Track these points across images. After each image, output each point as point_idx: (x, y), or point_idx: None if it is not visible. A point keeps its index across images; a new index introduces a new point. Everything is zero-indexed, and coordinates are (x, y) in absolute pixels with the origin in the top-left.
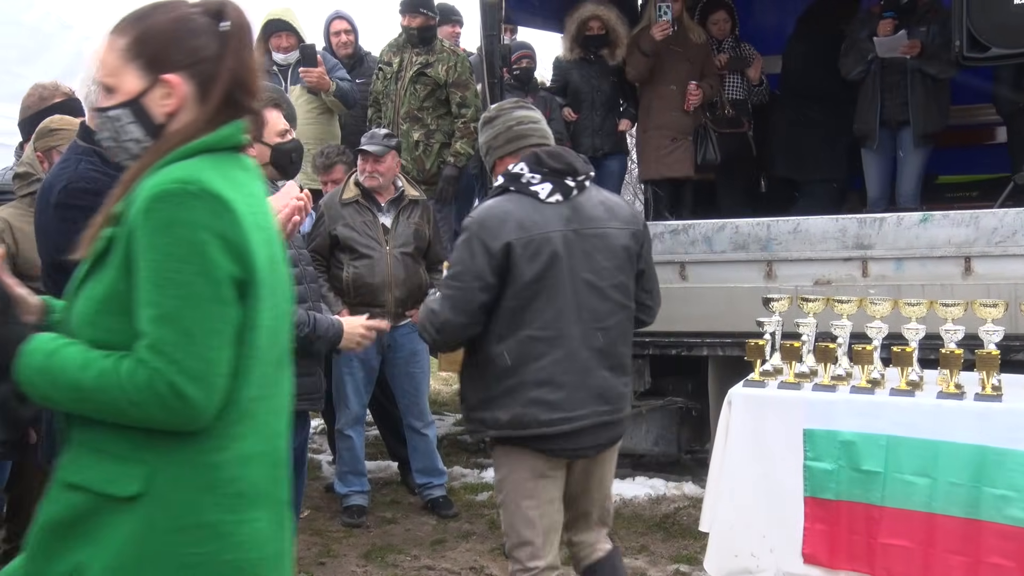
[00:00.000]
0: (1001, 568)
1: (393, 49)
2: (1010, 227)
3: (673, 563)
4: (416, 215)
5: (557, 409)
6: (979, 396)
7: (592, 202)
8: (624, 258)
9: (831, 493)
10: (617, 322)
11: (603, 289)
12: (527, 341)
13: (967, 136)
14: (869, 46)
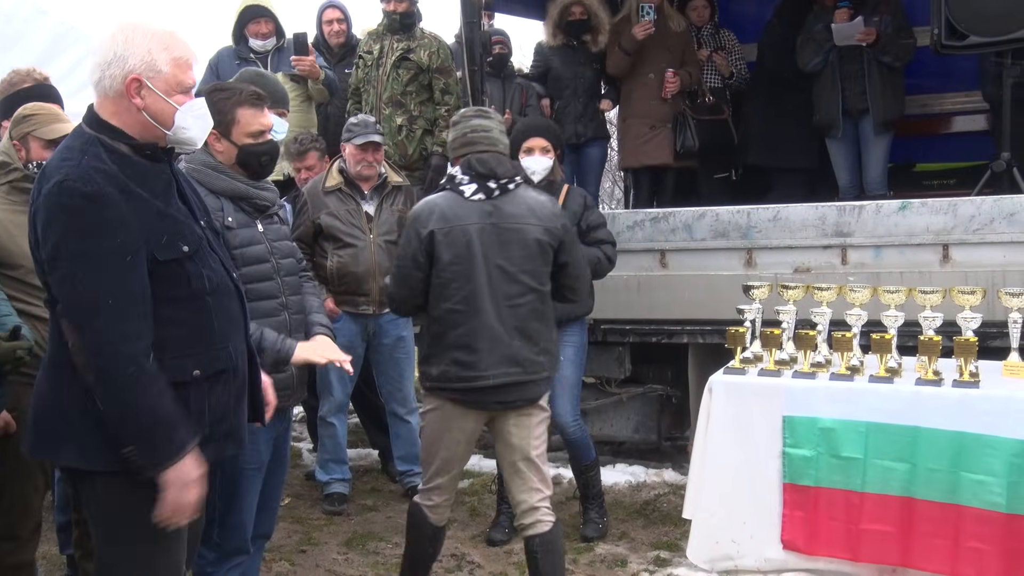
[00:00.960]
0: (979, 552)
1: (373, 37)
2: (987, 215)
3: (653, 550)
4: (399, 202)
5: (471, 368)
6: (957, 383)
7: (516, 202)
8: (536, 250)
9: (810, 480)
10: (527, 301)
11: (514, 274)
12: (449, 312)
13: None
14: (826, 36)
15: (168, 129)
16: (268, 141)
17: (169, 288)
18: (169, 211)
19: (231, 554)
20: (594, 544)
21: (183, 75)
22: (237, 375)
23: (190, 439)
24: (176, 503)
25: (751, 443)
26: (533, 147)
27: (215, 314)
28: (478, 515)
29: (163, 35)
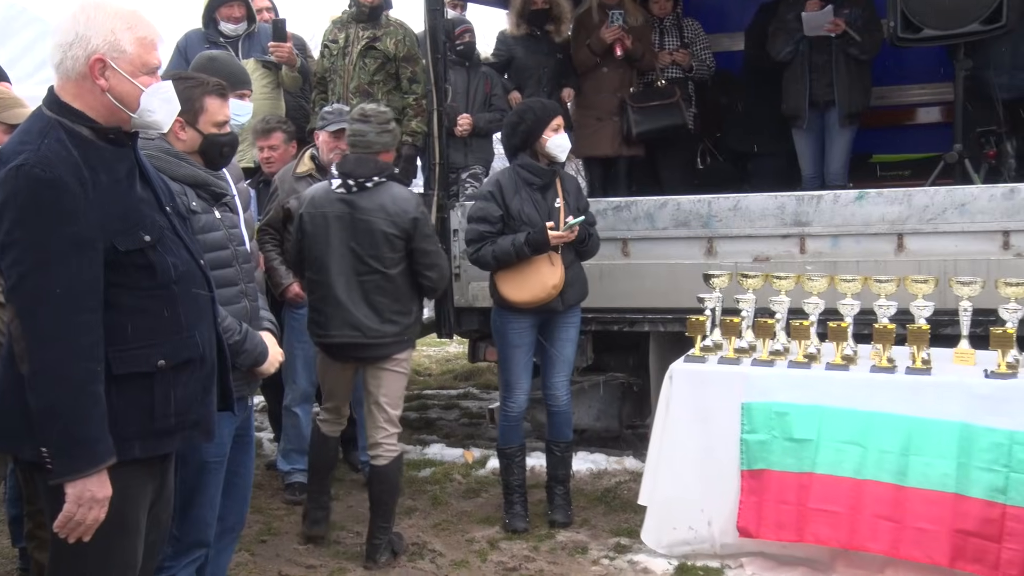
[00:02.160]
0: (924, 532)
1: (338, 26)
2: (940, 205)
3: (614, 536)
4: None
5: (321, 328)
6: (910, 369)
7: (372, 198)
8: (382, 239)
9: (764, 464)
10: (373, 279)
11: (362, 256)
12: (310, 280)
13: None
14: (797, 26)
15: (133, 112)
16: (231, 132)
17: (132, 277)
18: (132, 197)
19: (190, 548)
20: (555, 531)
21: (148, 56)
22: (205, 364)
23: (110, 455)
24: (75, 519)
25: (710, 430)
26: (559, 125)
27: (181, 303)
28: (440, 503)
29: (127, 14)
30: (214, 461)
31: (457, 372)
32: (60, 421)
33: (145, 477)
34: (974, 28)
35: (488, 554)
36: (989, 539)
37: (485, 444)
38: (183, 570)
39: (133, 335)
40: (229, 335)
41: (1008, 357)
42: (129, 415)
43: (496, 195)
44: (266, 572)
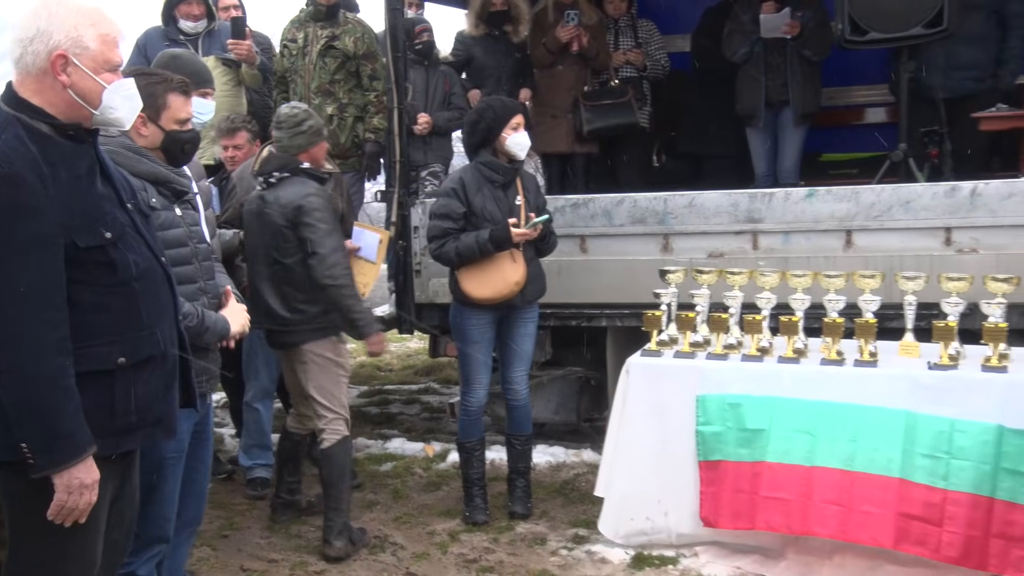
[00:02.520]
0: (870, 515)
1: (296, 25)
2: (887, 202)
3: (572, 527)
4: (328, 187)
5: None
6: (858, 362)
7: (276, 192)
8: (277, 231)
9: (720, 455)
10: (276, 270)
11: (267, 248)
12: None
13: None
14: (752, 28)
15: (95, 109)
16: (192, 129)
17: (92, 274)
18: (92, 194)
19: (150, 543)
20: (515, 523)
21: (111, 52)
22: (166, 361)
23: (90, 444)
24: (67, 507)
25: (666, 423)
26: (518, 124)
27: (142, 300)
28: (401, 497)
29: (90, 11)
30: (172, 457)
31: (418, 367)
32: (37, 417)
33: (105, 475)
34: (917, 31)
35: (449, 546)
36: (931, 523)
37: (445, 438)
38: (143, 566)
39: (93, 332)
40: (188, 319)
41: (950, 349)
42: (89, 413)
43: (459, 192)
44: (228, 567)
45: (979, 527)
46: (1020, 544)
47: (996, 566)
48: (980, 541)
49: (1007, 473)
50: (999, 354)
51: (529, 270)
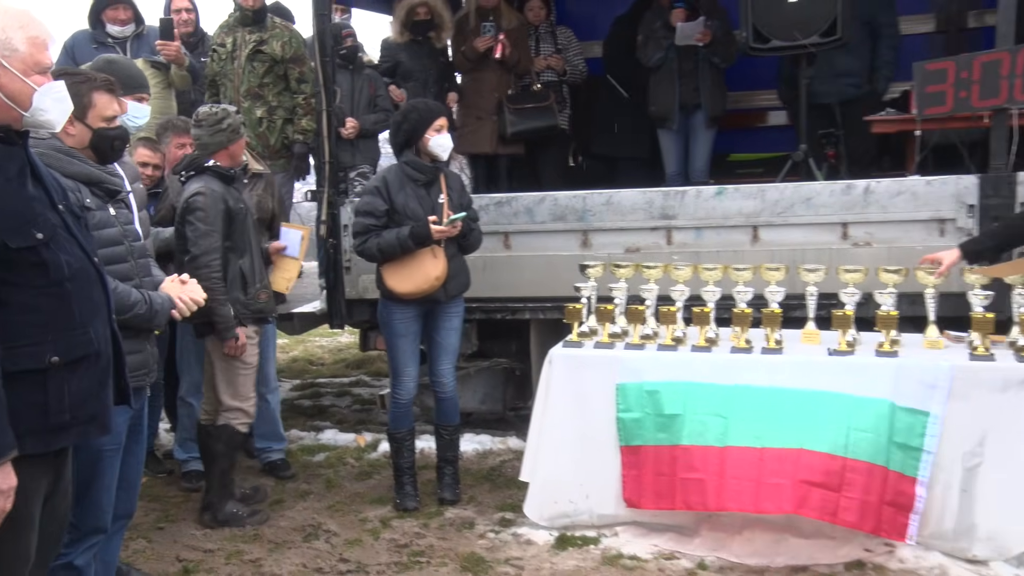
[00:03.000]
0: (778, 487)
1: (224, 30)
2: (790, 200)
3: (499, 511)
4: (259, 188)
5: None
6: (765, 349)
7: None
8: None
9: (640, 440)
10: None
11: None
12: None
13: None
14: (665, 34)
15: (25, 111)
16: (120, 126)
17: (24, 275)
18: (23, 196)
19: (88, 534)
20: (444, 509)
21: (40, 55)
22: (100, 359)
23: (10, 450)
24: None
25: (588, 410)
26: (442, 125)
27: (74, 300)
28: (334, 486)
29: (18, 13)
30: (109, 449)
31: (349, 361)
32: None
33: (39, 472)
34: (815, 40)
35: (381, 532)
36: (831, 489)
37: (376, 429)
38: (80, 556)
39: (25, 332)
40: (137, 307)
41: (847, 336)
42: (22, 411)
43: (382, 190)
44: (164, 558)
45: (874, 493)
46: (906, 513)
47: (887, 532)
48: (875, 507)
49: (897, 447)
50: (891, 340)
51: (451, 266)
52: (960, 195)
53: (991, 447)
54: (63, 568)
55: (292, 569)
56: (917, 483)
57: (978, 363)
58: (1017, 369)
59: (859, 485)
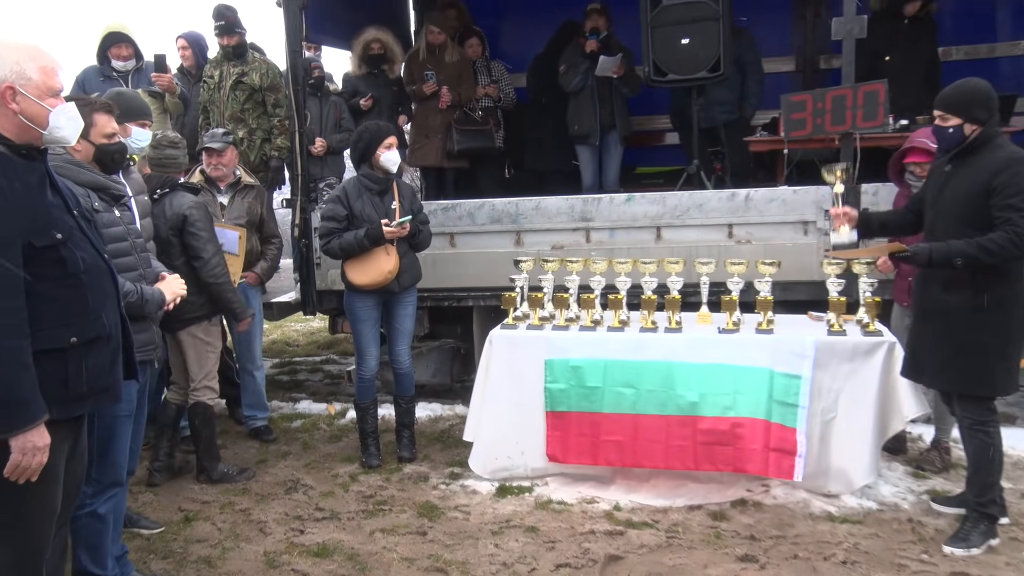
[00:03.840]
0: (681, 447)
1: (213, 64)
2: (686, 205)
3: (449, 467)
4: (250, 196)
5: None
6: (667, 329)
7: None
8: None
9: (564, 406)
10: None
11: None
12: None
13: (655, 138)
14: (583, 64)
15: (43, 129)
16: (119, 142)
17: (47, 269)
18: (44, 203)
19: (107, 487)
20: (403, 465)
21: (52, 80)
22: (111, 340)
23: (42, 413)
24: (20, 465)
25: (521, 382)
26: (392, 143)
27: (89, 290)
28: (309, 448)
29: (28, 47)
30: (124, 416)
31: (320, 342)
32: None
33: (62, 435)
34: (703, 75)
35: (350, 486)
36: (725, 444)
37: (344, 399)
38: (102, 505)
39: (49, 317)
40: (129, 296)
41: (733, 317)
42: (47, 384)
43: (342, 199)
44: (168, 508)
45: (760, 442)
46: (791, 456)
47: (776, 473)
48: (763, 453)
49: (777, 403)
50: (768, 320)
51: (403, 262)
52: (819, 201)
53: (842, 404)
54: (88, 516)
55: (276, 516)
56: (797, 432)
57: (834, 337)
58: (863, 342)
59: (748, 438)
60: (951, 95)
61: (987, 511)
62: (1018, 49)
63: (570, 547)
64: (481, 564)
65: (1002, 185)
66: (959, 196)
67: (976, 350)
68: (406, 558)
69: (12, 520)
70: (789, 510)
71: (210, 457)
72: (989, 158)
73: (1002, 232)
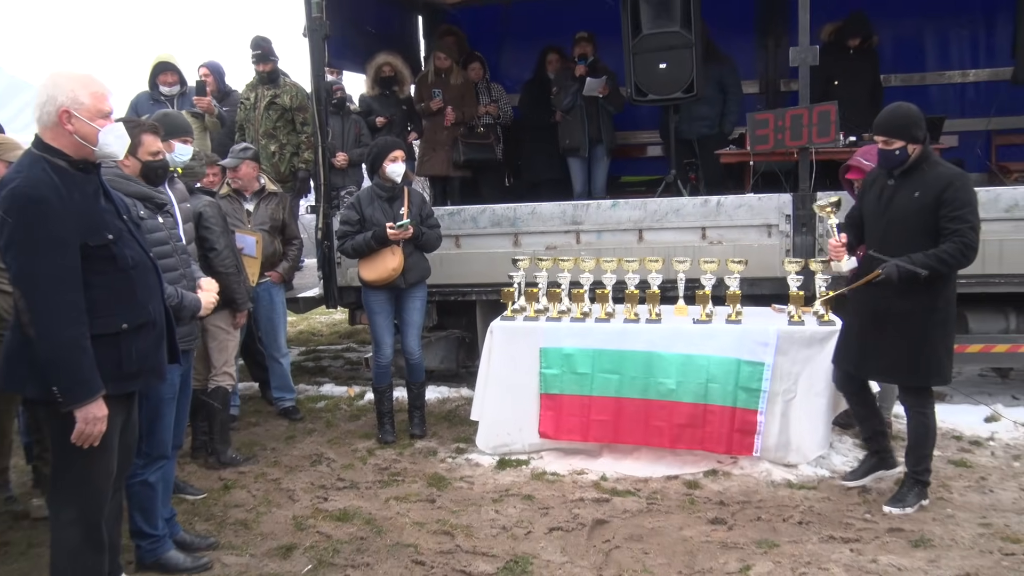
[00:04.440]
0: (660, 428)
1: (249, 88)
2: (664, 210)
3: (455, 443)
4: (273, 203)
5: None
6: (648, 320)
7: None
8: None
9: (557, 389)
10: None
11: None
12: None
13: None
14: (572, 85)
15: (95, 146)
16: (163, 159)
17: (101, 265)
18: (97, 209)
19: (156, 459)
20: (414, 442)
21: (101, 104)
22: (156, 327)
23: (100, 388)
24: (84, 433)
25: (519, 367)
26: (397, 156)
27: (136, 283)
28: (331, 425)
29: (82, 77)
30: (168, 397)
31: (341, 332)
32: (62, 370)
33: (116, 409)
34: (678, 95)
35: (368, 459)
36: (696, 427)
37: (363, 383)
38: (152, 475)
39: (103, 306)
40: (170, 300)
41: (707, 309)
42: (102, 364)
43: (356, 205)
44: (210, 477)
45: (726, 426)
46: (751, 435)
47: (737, 450)
48: (728, 435)
49: (742, 389)
50: (736, 311)
51: (408, 261)
52: (781, 207)
53: (801, 385)
54: (140, 484)
55: (303, 485)
56: (758, 413)
57: (793, 327)
58: (818, 331)
59: (716, 422)
60: (891, 121)
61: (921, 478)
62: (944, 78)
63: (562, 512)
64: (483, 528)
65: (950, 199)
66: (910, 209)
67: (931, 347)
68: (417, 522)
69: (78, 483)
70: (754, 479)
71: (222, 441)
72: (931, 173)
73: (952, 243)
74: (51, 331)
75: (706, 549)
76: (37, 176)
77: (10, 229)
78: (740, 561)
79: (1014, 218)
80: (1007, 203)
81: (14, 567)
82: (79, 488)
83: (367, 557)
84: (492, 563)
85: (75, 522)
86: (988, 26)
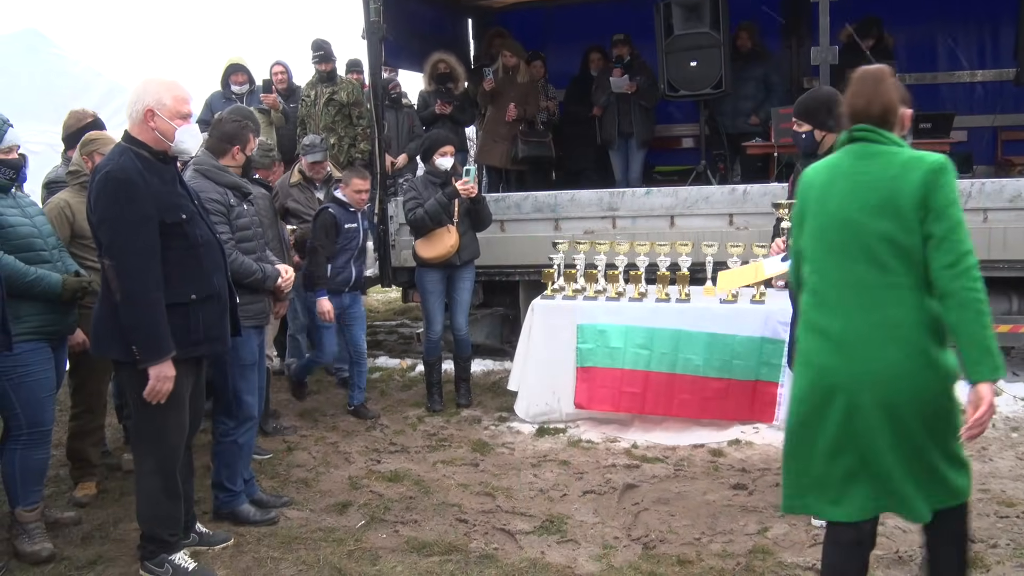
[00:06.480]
0: (686, 400)
1: (309, 85)
2: (695, 198)
3: (498, 412)
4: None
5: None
6: (678, 300)
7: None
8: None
9: (592, 363)
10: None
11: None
12: None
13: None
14: (607, 84)
15: (171, 142)
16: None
17: (175, 241)
18: (173, 193)
19: (244, 421)
20: (460, 410)
21: (181, 107)
22: (220, 300)
23: (171, 349)
24: (155, 389)
25: (557, 342)
26: (446, 151)
27: (204, 259)
28: (385, 395)
29: (167, 82)
30: (249, 364)
31: (395, 309)
32: (142, 330)
33: (184, 372)
34: (708, 91)
35: (418, 426)
36: (721, 399)
37: (415, 356)
38: (242, 436)
39: (175, 278)
40: (255, 275)
41: (733, 290)
42: (173, 331)
43: (416, 187)
44: (275, 441)
45: (749, 397)
46: (772, 405)
47: (759, 417)
48: (750, 405)
49: (764, 364)
50: (760, 292)
51: (463, 239)
52: None
53: None
54: (230, 443)
55: (358, 449)
56: (779, 385)
57: None
58: None
59: (739, 394)
60: (801, 102)
61: None
62: (954, 78)
63: (595, 477)
64: (522, 490)
65: None
66: None
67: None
68: (461, 484)
69: (155, 437)
70: (774, 448)
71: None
72: None
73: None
74: (135, 294)
75: (727, 512)
76: (125, 163)
77: (103, 206)
78: (759, 523)
79: (1017, 207)
80: (1011, 194)
81: (109, 511)
82: (156, 441)
83: (415, 515)
84: (530, 522)
85: (154, 471)
86: (993, 31)
